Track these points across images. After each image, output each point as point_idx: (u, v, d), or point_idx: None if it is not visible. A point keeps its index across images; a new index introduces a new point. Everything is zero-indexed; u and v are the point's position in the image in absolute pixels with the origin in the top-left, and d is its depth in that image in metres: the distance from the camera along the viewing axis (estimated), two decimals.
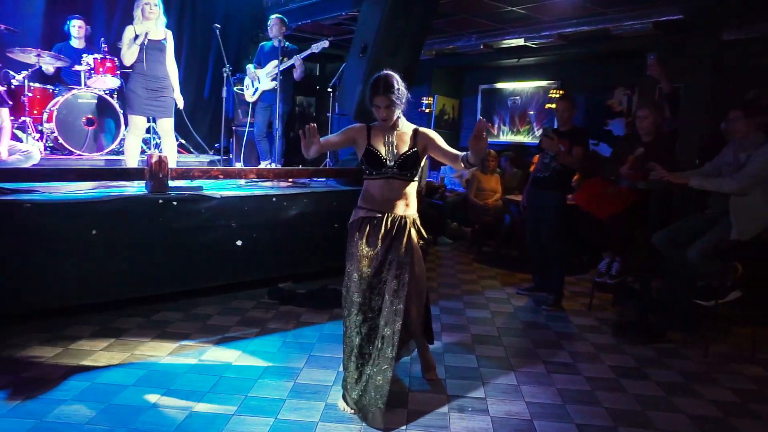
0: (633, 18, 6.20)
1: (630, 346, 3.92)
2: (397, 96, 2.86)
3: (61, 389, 2.91)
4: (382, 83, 2.86)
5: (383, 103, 2.86)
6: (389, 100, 2.84)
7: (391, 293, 2.81)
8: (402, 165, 2.91)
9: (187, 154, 7.08)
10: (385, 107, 2.86)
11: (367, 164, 2.93)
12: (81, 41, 6.53)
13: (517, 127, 9.46)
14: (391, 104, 2.86)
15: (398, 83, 2.87)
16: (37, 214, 3.68)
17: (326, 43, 6.31)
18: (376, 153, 2.90)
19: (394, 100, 2.85)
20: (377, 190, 2.93)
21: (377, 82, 2.87)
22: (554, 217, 4.77)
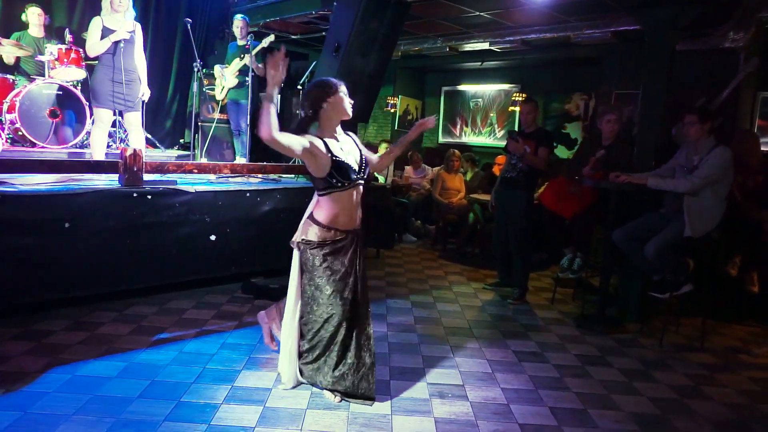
0: (593, 27, 6.51)
1: (592, 337, 4.16)
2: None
3: (41, 382, 2.89)
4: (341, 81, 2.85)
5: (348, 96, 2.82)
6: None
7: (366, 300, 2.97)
8: (365, 170, 2.89)
9: (153, 149, 6.97)
10: (350, 102, 2.83)
11: (338, 176, 2.74)
12: (40, 29, 6.33)
13: (479, 129, 9.72)
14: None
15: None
16: (7, 207, 3.60)
17: (272, 37, 6.36)
18: (343, 162, 2.76)
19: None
20: (347, 202, 2.81)
21: (331, 81, 2.84)
22: (521, 215, 4.99)
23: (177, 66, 8.06)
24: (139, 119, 5.27)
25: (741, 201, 4.54)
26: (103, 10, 4.96)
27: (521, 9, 6.33)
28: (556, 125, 8.48)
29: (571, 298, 5.22)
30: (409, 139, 3.02)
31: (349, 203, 2.83)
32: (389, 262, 6.35)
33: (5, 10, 6.45)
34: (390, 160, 3.24)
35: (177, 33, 7.93)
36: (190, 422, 2.58)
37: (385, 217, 6.80)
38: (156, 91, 7.40)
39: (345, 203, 2.81)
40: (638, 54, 5.75)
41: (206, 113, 7.47)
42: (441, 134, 10.31)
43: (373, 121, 10.11)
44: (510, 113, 9.08)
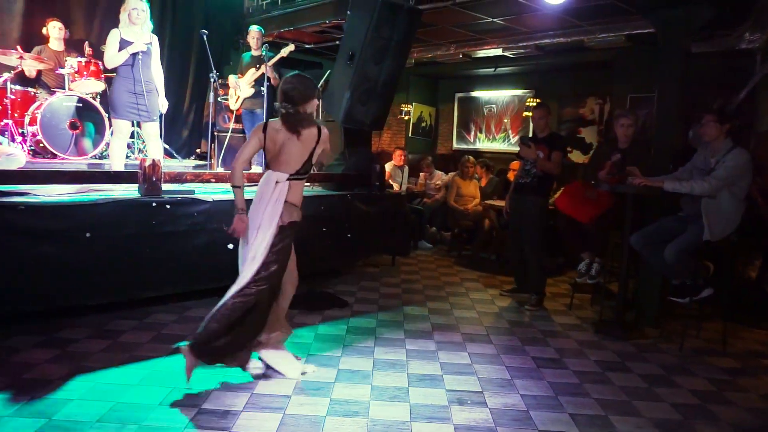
0: (606, 30, 6.50)
1: (611, 342, 4.13)
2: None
3: (65, 389, 2.93)
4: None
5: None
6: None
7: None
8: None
9: (170, 159, 7.06)
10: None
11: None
12: (60, 43, 6.47)
13: (493, 135, 9.71)
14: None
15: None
16: (30, 217, 3.67)
17: (292, 47, 6.43)
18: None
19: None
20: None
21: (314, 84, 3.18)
22: (535, 221, 4.98)
23: (193, 77, 8.17)
24: (157, 130, 5.35)
25: (761, 203, 4.49)
26: (121, 23, 5.05)
27: (534, 14, 6.35)
28: (571, 130, 8.45)
29: (589, 303, 5.19)
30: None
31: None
32: (405, 269, 6.36)
33: (26, 24, 6.59)
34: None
35: (193, 45, 8.04)
36: (212, 429, 2.60)
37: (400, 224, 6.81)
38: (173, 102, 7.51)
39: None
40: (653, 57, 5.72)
41: (222, 123, 7.56)
42: (455, 140, 10.31)
43: (387, 128, 10.15)
44: (524, 119, 9.07)
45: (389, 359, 3.57)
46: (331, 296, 4.82)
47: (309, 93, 3.11)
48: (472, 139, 10.04)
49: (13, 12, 6.48)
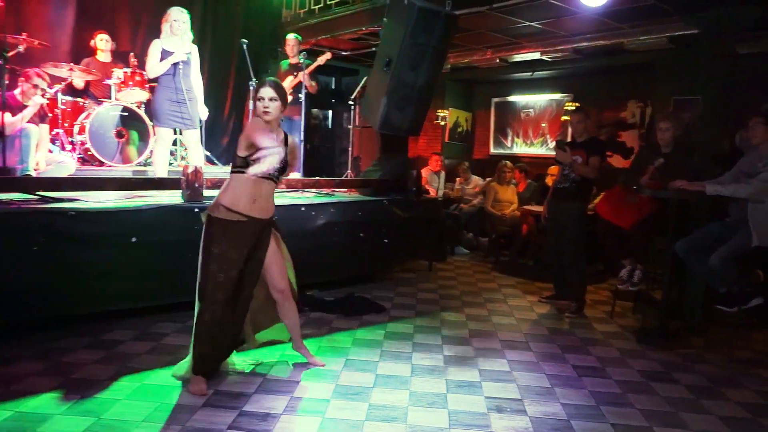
0: (647, 32, 6.35)
1: (654, 352, 4.02)
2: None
3: (112, 389, 3.02)
4: (268, 80, 3.14)
5: (268, 95, 3.06)
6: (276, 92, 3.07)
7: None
8: (281, 171, 3.18)
9: (212, 166, 7.22)
10: (270, 99, 3.06)
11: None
12: (107, 55, 6.70)
13: (531, 139, 9.60)
14: (276, 98, 3.08)
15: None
16: (80, 222, 3.80)
17: (328, 55, 6.50)
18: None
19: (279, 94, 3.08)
20: (253, 189, 3.10)
21: (263, 80, 3.17)
22: (573, 226, 4.91)
23: (233, 85, 8.33)
24: (198, 137, 5.48)
25: None
26: (162, 34, 5.20)
27: (573, 17, 6.26)
28: (611, 134, 8.28)
29: (630, 311, 5.07)
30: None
31: (252, 189, 3.07)
32: (442, 275, 6.34)
33: (76, 38, 6.85)
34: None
35: (233, 54, 8.20)
36: (252, 430, 2.64)
37: (436, 229, 6.79)
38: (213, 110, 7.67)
39: (248, 188, 3.06)
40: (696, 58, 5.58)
41: None
42: (492, 145, 10.24)
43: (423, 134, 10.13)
44: (562, 123, 8.94)
45: (427, 365, 3.57)
46: (369, 301, 4.85)
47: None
48: (509, 143, 9.94)
49: (64, 26, 6.75)
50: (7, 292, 3.48)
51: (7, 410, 2.72)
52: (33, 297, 3.60)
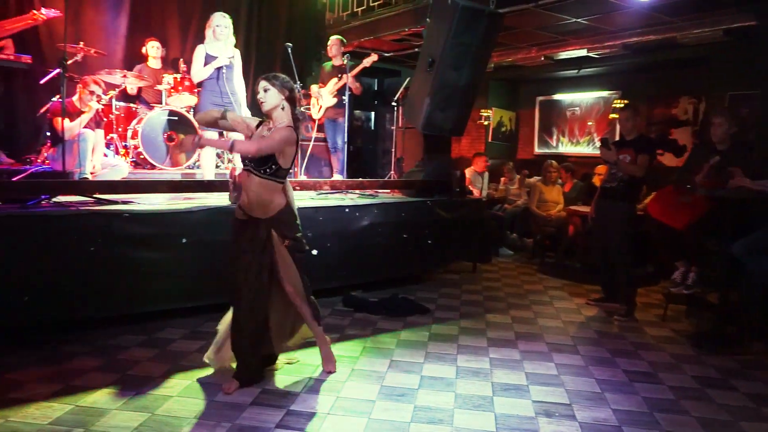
0: (701, 26, 6.13)
1: (711, 357, 3.87)
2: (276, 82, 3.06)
3: (165, 386, 3.11)
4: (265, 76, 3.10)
5: (263, 86, 3.05)
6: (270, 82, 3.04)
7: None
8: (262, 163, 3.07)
9: None
10: (264, 89, 3.05)
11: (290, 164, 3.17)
12: (158, 61, 6.92)
13: (577, 138, 9.40)
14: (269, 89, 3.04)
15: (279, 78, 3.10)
16: (134, 224, 3.93)
17: (375, 57, 6.50)
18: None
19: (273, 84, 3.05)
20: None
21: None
22: (621, 227, 4.77)
23: None
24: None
25: None
26: (206, 39, 5.33)
27: (622, 13, 6.10)
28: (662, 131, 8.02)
29: (684, 315, 4.89)
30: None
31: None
32: (486, 276, 6.27)
33: (128, 45, 7.10)
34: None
35: (277, 57, 8.34)
36: (299, 430, 2.67)
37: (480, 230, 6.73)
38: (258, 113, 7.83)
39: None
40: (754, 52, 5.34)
41: (305, 132, 7.78)
42: (537, 145, 10.07)
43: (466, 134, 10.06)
44: (610, 121, 8.72)
45: (472, 367, 3.53)
46: (413, 303, 4.83)
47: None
48: (554, 143, 9.76)
49: (117, 35, 7.01)
50: (66, 292, 3.63)
51: (68, 404, 2.84)
52: (91, 296, 3.74)
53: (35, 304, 3.50)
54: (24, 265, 3.46)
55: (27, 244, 3.48)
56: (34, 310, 3.51)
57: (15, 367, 3.24)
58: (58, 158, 4.75)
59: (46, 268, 3.54)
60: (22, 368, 3.24)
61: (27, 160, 5.84)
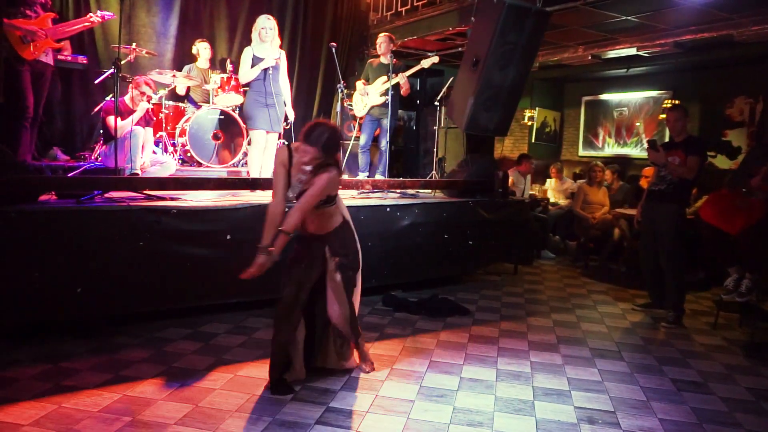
0: (761, 22, 5.86)
1: (766, 369, 3.70)
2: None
3: (209, 379, 3.18)
4: (317, 134, 2.84)
5: (304, 150, 2.85)
6: (318, 150, 2.84)
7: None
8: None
9: None
10: (304, 152, 2.85)
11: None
12: (206, 61, 7.08)
13: (624, 139, 9.16)
14: (318, 158, 2.87)
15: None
16: (181, 220, 4.03)
17: (436, 59, 6.46)
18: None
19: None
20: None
21: (311, 129, 2.87)
22: (671, 231, 4.62)
23: (321, 88, 8.56)
24: (276, 139, 5.66)
25: None
26: (252, 41, 5.44)
27: (675, 9, 5.90)
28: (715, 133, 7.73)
29: (737, 323, 4.70)
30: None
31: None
32: (528, 278, 6.18)
33: (178, 46, 7.30)
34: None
35: (321, 57, 8.44)
36: (339, 428, 2.69)
37: (523, 232, 6.63)
38: (302, 112, 7.92)
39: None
40: None
41: (347, 131, 7.84)
42: (581, 146, 9.86)
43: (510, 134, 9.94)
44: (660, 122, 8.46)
45: (513, 370, 3.48)
46: (453, 303, 4.80)
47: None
48: (600, 144, 9.53)
49: (168, 36, 7.22)
50: (118, 285, 3.75)
51: (117, 393, 2.94)
52: (140, 289, 3.86)
53: (87, 297, 3.63)
54: (77, 259, 3.59)
55: (80, 239, 3.61)
56: (86, 302, 3.64)
57: (68, 356, 3.38)
58: (110, 155, 4.92)
59: (98, 261, 3.67)
60: (75, 357, 3.37)
61: (81, 156, 6.08)
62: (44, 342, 3.56)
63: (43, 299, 3.50)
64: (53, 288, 3.52)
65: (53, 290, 3.53)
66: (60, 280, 3.53)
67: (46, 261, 3.49)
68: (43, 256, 3.48)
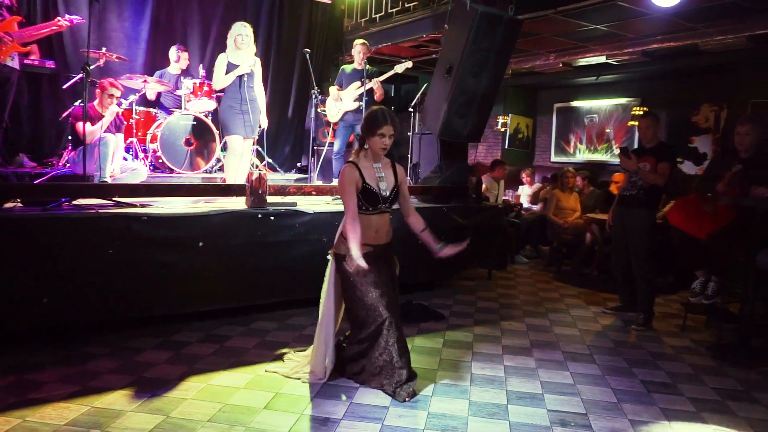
0: (725, 32, 6.05)
1: (733, 369, 3.79)
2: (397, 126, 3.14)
3: (180, 389, 3.13)
4: (387, 113, 3.11)
5: (389, 132, 3.10)
6: (395, 129, 3.10)
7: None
8: (393, 200, 3.23)
9: (273, 173, 7.40)
10: (390, 136, 3.12)
11: (364, 201, 3.14)
12: (179, 67, 7.01)
13: (595, 146, 9.32)
14: (394, 134, 3.11)
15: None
16: (152, 227, 3.96)
17: (409, 64, 6.50)
18: (371, 190, 3.14)
19: (396, 129, 3.13)
20: (369, 222, 3.18)
21: (382, 112, 3.13)
22: (642, 235, 4.71)
23: (295, 94, 8.55)
24: (251, 145, 5.63)
25: None
26: (227, 48, 5.41)
27: (642, 19, 6.05)
28: (682, 139, 7.92)
29: (704, 325, 4.81)
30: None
31: (371, 223, 3.20)
32: (502, 283, 6.23)
33: (150, 51, 7.22)
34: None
35: (296, 63, 8.42)
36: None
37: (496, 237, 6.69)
38: (276, 118, 7.89)
39: (367, 223, 3.16)
40: None
41: (321, 137, 7.82)
42: (553, 152, 10.01)
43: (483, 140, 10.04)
44: (629, 128, 8.63)
45: (487, 375, 3.50)
46: (427, 309, 4.81)
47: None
48: (572, 150, 9.69)
49: (139, 41, 7.13)
50: (86, 293, 3.67)
51: (85, 405, 2.87)
52: (110, 298, 3.78)
53: (54, 306, 3.55)
54: (44, 267, 3.51)
55: (47, 246, 3.53)
56: (53, 311, 3.56)
57: (34, 368, 3.28)
58: (79, 162, 4.83)
59: (66, 270, 3.59)
60: (40, 369, 3.28)
61: (49, 163, 5.96)
62: (9, 353, 3.46)
63: (8, 309, 3.41)
64: (18, 298, 3.43)
65: (18, 300, 3.44)
66: (25, 289, 3.44)
67: (10, 270, 3.40)
68: (6, 266, 3.39)
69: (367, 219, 3.18)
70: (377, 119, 3.11)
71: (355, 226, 3.07)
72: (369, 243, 3.18)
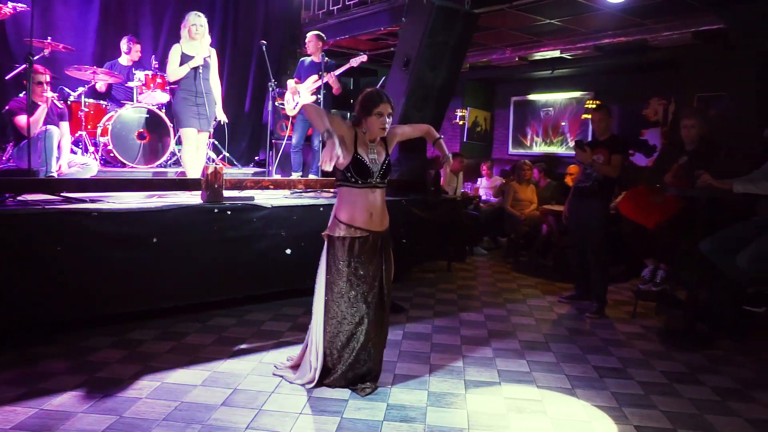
0: (671, 28, 6.26)
1: (679, 353, 3.94)
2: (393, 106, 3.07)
3: (134, 388, 3.05)
4: (383, 92, 3.05)
5: (387, 110, 2.99)
6: (392, 108, 3.03)
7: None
8: (384, 175, 3.06)
9: (230, 167, 7.28)
10: (389, 115, 3.00)
11: (353, 172, 2.96)
12: (130, 59, 6.79)
13: (550, 138, 9.52)
14: (392, 113, 3.04)
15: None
16: (103, 223, 3.85)
17: (364, 57, 6.47)
18: (362, 160, 2.97)
19: (393, 109, 3.06)
20: (363, 201, 3.00)
21: (377, 91, 3.04)
22: (596, 226, 4.84)
23: (252, 86, 8.40)
24: (206, 138, 5.52)
25: None
26: (182, 38, 5.27)
27: (594, 14, 6.19)
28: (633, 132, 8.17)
29: (653, 312, 4.98)
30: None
31: (362, 201, 3.00)
32: (461, 275, 6.31)
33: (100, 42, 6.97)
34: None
35: (252, 55, 8.27)
36: (271, 430, 2.65)
37: (455, 229, 6.76)
38: (233, 111, 7.74)
39: (355, 199, 2.99)
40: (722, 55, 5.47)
41: (279, 131, 7.73)
42: (511, 145, 10.17)
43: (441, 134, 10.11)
44: (583, 121, 8.85)
45: (446, 365, 3.54)
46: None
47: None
48: (528, 143, 9.87)
49: (88, 30, 6.87)
50: (33, 293, 3.54)
51: (32, 408, 2.77)
52: (61, 297, 3.65)
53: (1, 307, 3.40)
54: None
55: None
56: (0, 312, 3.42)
57: None
58: (22, 156, 4.63)
59: (12, 269, 3.44)
60: None
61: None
62: None
63: None
64: None
65: None
66: None
67: None
68: None
69: (356, 194, 2.99)
70: (373, 98, 2.99)
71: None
72: (361, 226, 3.00)
